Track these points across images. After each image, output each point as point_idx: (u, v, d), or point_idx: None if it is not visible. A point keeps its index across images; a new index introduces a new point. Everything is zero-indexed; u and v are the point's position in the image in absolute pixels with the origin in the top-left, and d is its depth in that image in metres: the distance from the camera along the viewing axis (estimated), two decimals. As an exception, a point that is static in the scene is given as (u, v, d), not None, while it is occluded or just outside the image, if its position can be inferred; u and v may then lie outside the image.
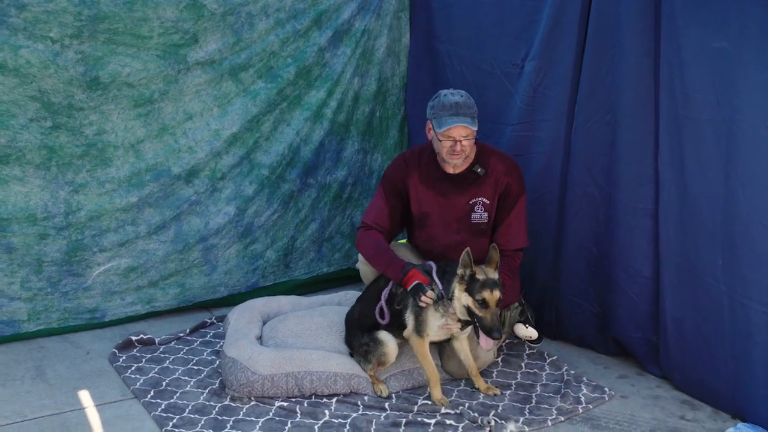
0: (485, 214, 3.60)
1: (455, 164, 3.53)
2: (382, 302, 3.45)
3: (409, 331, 3.40)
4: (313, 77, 4.40)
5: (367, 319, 3.49)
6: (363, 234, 3.67)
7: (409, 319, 3.39)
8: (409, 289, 3.36)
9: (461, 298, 3.25)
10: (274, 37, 4.22)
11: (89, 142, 3.88)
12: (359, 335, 3.49)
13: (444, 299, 3.31)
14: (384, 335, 3.43)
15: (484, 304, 3.20)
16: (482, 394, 3.48)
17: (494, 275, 3.25)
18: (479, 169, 3.57)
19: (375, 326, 3.46)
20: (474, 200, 3.60)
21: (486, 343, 3.24)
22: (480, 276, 3.22)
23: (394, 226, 3.72)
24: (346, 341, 3.59)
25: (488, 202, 3.59)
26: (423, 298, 3.31)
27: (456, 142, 3.45)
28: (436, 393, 3.39)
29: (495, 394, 3.48)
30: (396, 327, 3.45)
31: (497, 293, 3.21)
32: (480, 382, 3.52)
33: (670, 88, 3.31)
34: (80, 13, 3.65)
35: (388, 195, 3.69)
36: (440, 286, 3.32)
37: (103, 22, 3.72)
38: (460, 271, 3.24)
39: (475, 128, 3.46)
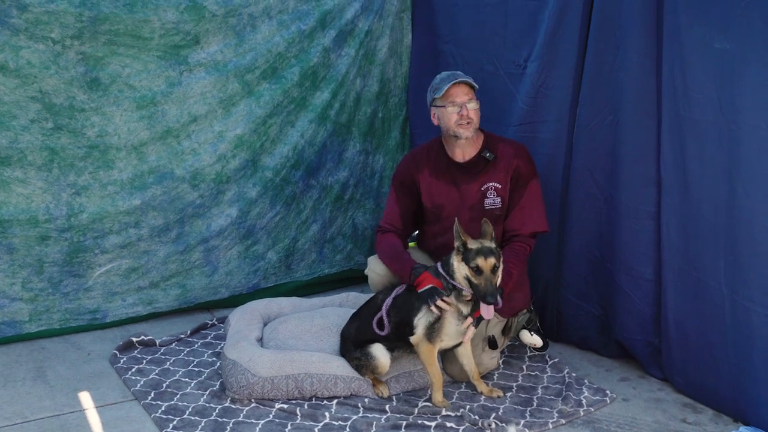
0: (498, 200, 3.59)
1: (466, 136, 3.52)
2: (383, 313, 3.42)
3: (418, 337, 3.35)
4: (318, 78, 4.39)
5: (362, 335, 3.47)
6: (378, 237, 3.69)
7: (419, 326, 3.34)
8: (421, 291, 3.34)
9: (460, 269, 3.26)
10: (279, 38, 4.22)
11: (91, 143, 3.88)
12: (352, 350, 3.47)
13: (456, 291, 3.30)
14: (375, 350, 3.40)
15: (478, 270, 3.20)
16: (483, 397, 3.47)
17: (490, 244, 3.27)
18: (488, 154, 3.58)
19: (368, 341, 3.44)
20: (486, 186, 3.59)
21: (486, 312, 3.23)
22: (473, 245, 3.24)
23: (407, 225, 3.74)
24: (341, 353, 3.56)
25: (500, 186, 3.58)
26: (439, 303, 3.28)
27: (461, 106, 3.46)
28: (438, 396, 3.38)
29: (498, 396, 3.47)
30: (395, 338, 3.42)
31: (491, 260, 3.21)
32: (482, 386, 3.50)
33: (672, 89, 3.30)
34: (81, 15, 3.66)
35: (398, 194, 3.71)
36: (448, 279, 3.30)
37: (104, 23, 3.72)
38: (456, 244, 3.26)
39: (476, 86, 3.50)
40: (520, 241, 3.56)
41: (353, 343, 3.48)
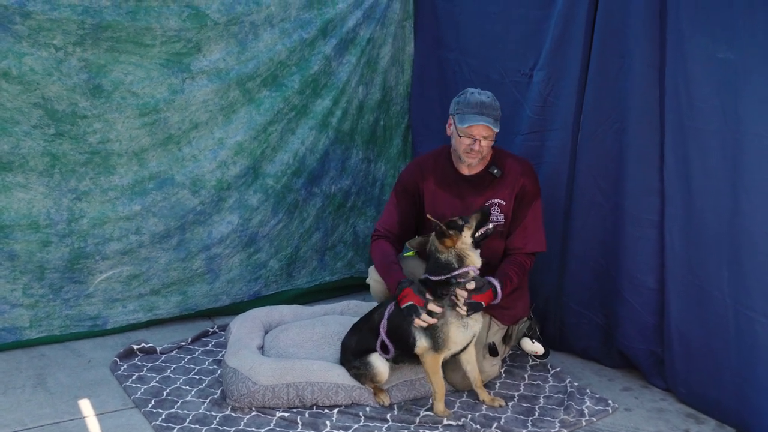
0: (501, 216, 3.58)
1: (470, 164, 3.53)
2: (383, 336, 3.40)
3: (423, 348, 3.33)
4: (319, 86, 4.39)
5: (362, 346, 3.45)
6: (373, 243, 3.68)
7: (422, 339, 3.32)
8: (403, 308, 3.33)
9: (468, 241, 3.32)
10: (281, 47, 4.21)
11: (93, 149, 3.87)
12: (351, 359, 3.46)
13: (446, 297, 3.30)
14: (374, 359, 3.39)
15: (484, 218, 3.38)
16: (485, 406, 3.46)
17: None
18: (495, 170, 3.57)
19: (367, 351, 3.42)
20: (490, 201, 3.58)
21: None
22: (459, 220, 3.35)
23: (404, 231, 3.70)
24: (341, 363, 3.54)
25: (504, 203, 3.57)
26: (417, 321, 3.29)
27: (475, 141, 3.46)
28: (440, 406, 3.36)
29: (500, 405, 3.46)
30: (399, 354, 3.40)
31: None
32: (484, 394, 3.49)
33: (676, 98, 3.30)
34: (84, 22, 3.65)
35: (399, 199, 3.69)
36: (454, 275, 3.30)
37: (106, 30, 3.72)
38: (461, 232, 3.31)
39: (497, 130, 3.48)
40: (521, 256, 3.56)
41: (352, 353, 3.47)
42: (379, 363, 3.39)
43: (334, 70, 4.42)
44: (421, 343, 3.32)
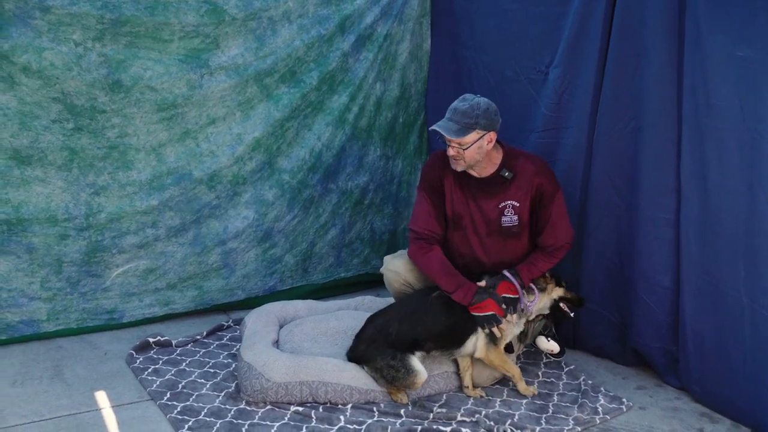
0: (515, 217, 3.56)
1: (454, 168, 3.51)
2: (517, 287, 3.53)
3: (484, 347, 3.45)
4: (336, 82, 4.40)
5: (403, 340, 3.39)
6: (422, 249, 3.57)
7: (480, 340, 3.45)
8: (482, 315, 3.43)
9: (553, 293, 3.63)
10: (299, 43, 4.22)
11: (111, 144, 3.90)
12: (388, 354, 3.36)
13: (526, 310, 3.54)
14: (417, 364, 3.37)
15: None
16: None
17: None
18: (507, 173, 3.54)
19: (410, 347, 3.40)
20: (503, 204, 3.56)
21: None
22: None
23: (442, 228, 3.63)
24: (352, 352, 3.50)
25: (518, 204, 3.55)
26: (495, 330, 3.45)
27: (448, 146, 3.45)
28: (522, 385, 3.54)
29: (482, 396, 3.53)
30: (449, 336, 3.46)
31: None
32: (470, 389, 3.54)
33: (694, 96, 3.28)
34: (102, 17, 3.68)
35: (429, 196, 3.61)
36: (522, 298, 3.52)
37: (125, 25, 3.74)
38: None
39: (457, 138, 3.38)
40: (552, 253, 3.59)
41: (390, 345, 3.38)
42: (420, 370, 3.37)
43: (350, 67, 4.42)
44: (484, 343, 3.45)
